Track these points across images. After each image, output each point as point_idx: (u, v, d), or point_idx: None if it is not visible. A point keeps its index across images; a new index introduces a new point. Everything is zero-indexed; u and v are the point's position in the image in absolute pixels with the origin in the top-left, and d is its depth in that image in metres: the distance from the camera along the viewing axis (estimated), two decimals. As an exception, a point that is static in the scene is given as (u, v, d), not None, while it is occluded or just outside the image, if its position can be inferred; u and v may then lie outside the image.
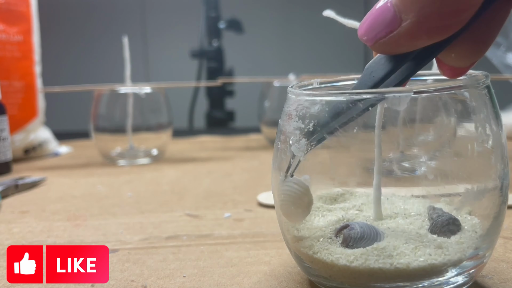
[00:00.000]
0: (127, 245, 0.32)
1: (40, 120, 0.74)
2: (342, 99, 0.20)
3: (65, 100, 1.29)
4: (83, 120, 0.78)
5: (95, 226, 0.36)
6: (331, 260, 0.21)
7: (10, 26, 0.68)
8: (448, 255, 0.20)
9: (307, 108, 0.22)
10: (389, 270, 0.20)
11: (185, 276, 0.26)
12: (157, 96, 0.70)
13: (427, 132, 0.22)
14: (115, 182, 0.53)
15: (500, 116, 0.22)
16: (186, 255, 0.29)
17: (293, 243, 0.23)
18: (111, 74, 0.97)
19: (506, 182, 0.22)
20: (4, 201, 0.45)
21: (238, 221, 0.37)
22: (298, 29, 1.55)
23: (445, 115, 0.21)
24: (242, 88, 1.22)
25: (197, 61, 1.24)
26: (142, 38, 1.52)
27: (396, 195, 0.25)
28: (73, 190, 0.50)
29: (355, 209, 0.24)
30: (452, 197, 0.23)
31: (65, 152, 0.79)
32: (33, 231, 0.35)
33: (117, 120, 0.67)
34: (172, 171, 0.59)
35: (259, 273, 0.26)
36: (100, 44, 1.49)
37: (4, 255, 0.29)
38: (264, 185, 0.49)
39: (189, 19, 1.38)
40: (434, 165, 0.22)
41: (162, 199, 0.45)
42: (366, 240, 0.21)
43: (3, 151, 0.59)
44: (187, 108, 1.28)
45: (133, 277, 0.26)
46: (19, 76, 0.70)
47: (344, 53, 1.49)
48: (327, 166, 0.24)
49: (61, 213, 0.40)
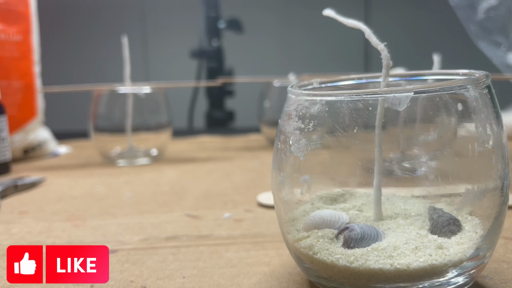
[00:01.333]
0: (126, 245, 0.32)
1: (39, 120, 0.74)
2: (342, 99, 0.20)
3: (65, 100, 1.29)
4: (83, 120, 0.78)
5: (95, 227, 0.36)
6: (331, 260, 0.21)
7: (9, 26, 0.68)
8: (448, 255, 0.20)
9: (307, 108, 0.21)
10: (389, 270, 0.20)
11: (185, 276, 0.26)
12: (156, 96, 0.69)
13: (427, 132, 0.22)
14: (115, 183, 0.53)
15: (500, 116, 0.22)
16: (185, 255, 0.29)
17: (293, 243, 0.23)
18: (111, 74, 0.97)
19: (506, 182, 0.22)
20: (3, 201, 0.45)
21: (238, 221, 0.37)
22: (298, 29, 1.55)
23: (445, 115, 0.21)
24: (242, 88, 1.22)
25: (197, 61, 1.24)
26: (141, 38, 1.52)
27: (397, 195, 0.25)
28: (72, 190, 0.50)
29: (355, 209, 0.24)
30: (452, 198, 0.22)
31: (64, 152, 0.79)
32: (32, 231, 0.35)
33: (117, 120, 0.67)
34: (172, 171, 0.59)
35: (259, 274, 0.26)
36: (99, 44, 1.49)
37: (4, 256, 0.29)
38: (264, 185, 0.49)
39: (189, 19, 1.38)
40: (435, 165, 0.22)
41: (162, 199, 0.45)
42: (366, 240, 0.21)
43: (2, 151, 0.59)
44: (187, 108, 1.28)
45: (133, 277, 0.26)
46: (18, 76, 0.70)
47: (344, 53, 1.49)
48: (327, 166, 0.24)
49: (61, 214, 0.40)
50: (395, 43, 1.19)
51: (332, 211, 0.23)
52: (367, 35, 0.22)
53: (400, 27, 1.48)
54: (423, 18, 1.49)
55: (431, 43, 1.42)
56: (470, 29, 0.65)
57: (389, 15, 1.47)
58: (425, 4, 1.47)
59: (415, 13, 1.50)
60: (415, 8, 1.50)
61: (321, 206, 0.25)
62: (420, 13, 1.49)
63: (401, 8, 1.50)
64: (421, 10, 1.49)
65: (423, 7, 1.48)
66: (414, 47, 1.38)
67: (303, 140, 0.22)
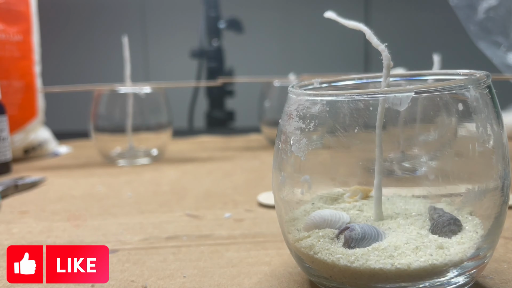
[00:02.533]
0: (127, 245, 0.32)
1: (39, 120, 0.74)
2: (342, 99, 0.20)
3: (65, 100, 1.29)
4: (83, 120, 0.78)
5: (95, 226, 0.36)
6: (332, 260, 0.21)
7: (9, 26, 0.68)
8: (449, 255, 0.20)
9: (307, 108, 0.22)
10: (390, 270, 0.20)
11: (185, 276, 0.26)
12: (157, 96, 0.70)
13: (427, 132, 0.22)
14: (115, 182, 0.53)
15: (501, 116, 0.22)
16: (186, 255, 0.29)
17: (294, 243, 0.23)
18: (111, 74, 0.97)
19: (507, 182, 0.22)
20: (3, 201, 0.45)
21: (238, 221, 0.37)
22: (298, 29, 1.55)
23: (446, 115, 0.21)
24: (242, 88, 1.22)
25: (197, 61, 1.24)
26: (142, 38, 1.52)
27: (397, 195, 0.25)
28: (73, 190, 0.50)
29: (356, 209, 0.24)
30: (453, 198, 0.22)
31: (64, 152, 0.79)
32: (32, 231, 0.35)
33: (117, 120, 0.67)
34: (172, 171, 0.59)
35: (259, 274, 0.26)
36: (100, 44, 1.49)
37: (4, 255, 0.29)
38: (265, 185, 0.49)
39: (189, 19, 1.38)
40: (435, 165, 0.22)
41: (162, 199, 0.45)
42: (367, 240, 0.21)
43: (2, 151, 0.59)
44: (187, 108, 1.28)
45: (133, 277, 0.26)
46: (19, 76, 0.70)
47: (344, 53, 1.49)
48: (328, 166, 0.24)
49: (61, 213, 0.40)
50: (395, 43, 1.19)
51: (333, 211, 0.23)
52: (368, 36, 0.22)
53: (400, 27, 1.48)
54: (423, 18, 1.49)
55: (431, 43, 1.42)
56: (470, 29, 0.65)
57: (389, 15, 1.47)
58: (425, 4, 1.47)
59: (415, 13, 1.50)
60: (415, 8, 1.50)
61: (322, 206, 0.25)
62: (420, 13, 1.49)
63: (401, 8, 1.50)
64: (421, 10, 1.49)
65: (423, 7, 1.48)
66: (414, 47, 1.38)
67: (304, 140, 0.22)
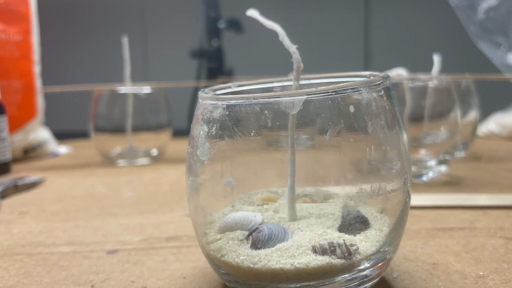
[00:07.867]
0: (127, 245, 0.32)
1: (39, 120, 0.74)
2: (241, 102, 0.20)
3: (65, 100, 1.29)
4: (83, 120, 0.78)
5: (95, 227, 0.36)
6: (236, 262, 0.21)
7: (9, 26, 0.68)
8: None
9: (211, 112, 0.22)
10: (290, 270, 0.20)
11: (185, 277, 0.26)
12: (156, 96, 0.70)
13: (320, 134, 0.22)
14: (115, 183, 0.53)
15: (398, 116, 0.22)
16: (186, 256, 0.29)
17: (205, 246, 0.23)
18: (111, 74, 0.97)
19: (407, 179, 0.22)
20: (3, 201, 0.45)
21: (238, 221, 0.37)
22: (298, 29, 1.55)
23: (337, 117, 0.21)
24: (242, 88, 1.22)
25: (197, 61, 1.24)
26: (141, 38, 1.52)
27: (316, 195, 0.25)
28: (72, 190, 0.50)
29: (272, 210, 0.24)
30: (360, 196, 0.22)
31: (64, 152, 0.79)
32: (32, 231, 0.35)
33: (117, 120, 0.67)
34: (172, 171, 0.59)
35: (259, 274, 0.26)
36: (99, 44, 1.49)
37: (4, 255, 0.29)
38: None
39: (188, 19, 1.38)
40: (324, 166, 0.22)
41: (162, 199, 0.45)
42: (273, 241, 0.21)
43: (2, 151, 0.59)
44: (187, 108, 1.28)
45: (133, 278, 0.26)
46: (19, 76, 0.70)
47: (344, 53, 1.49)
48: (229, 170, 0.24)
49: (61, 214, 0.40)
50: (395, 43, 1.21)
51: (247, 213, 0.23)
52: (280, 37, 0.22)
53: (400, 27, 1.48)
54: (423, 18, 1.49)
55: (431, 43, 1.42)
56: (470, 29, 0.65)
57: (389, 15, 1.47)
58: (425, 4, 1.47)
59: (415, 13, 1.50)
60: (415, 8, 1.50)
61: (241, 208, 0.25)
62: (420, 13, 1.49)
63: (401, 8, 1.50)
64: (421, 10, 1.49)
65: (423, 7, 1.48)
66: (414, 47, 1.38)
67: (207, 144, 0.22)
